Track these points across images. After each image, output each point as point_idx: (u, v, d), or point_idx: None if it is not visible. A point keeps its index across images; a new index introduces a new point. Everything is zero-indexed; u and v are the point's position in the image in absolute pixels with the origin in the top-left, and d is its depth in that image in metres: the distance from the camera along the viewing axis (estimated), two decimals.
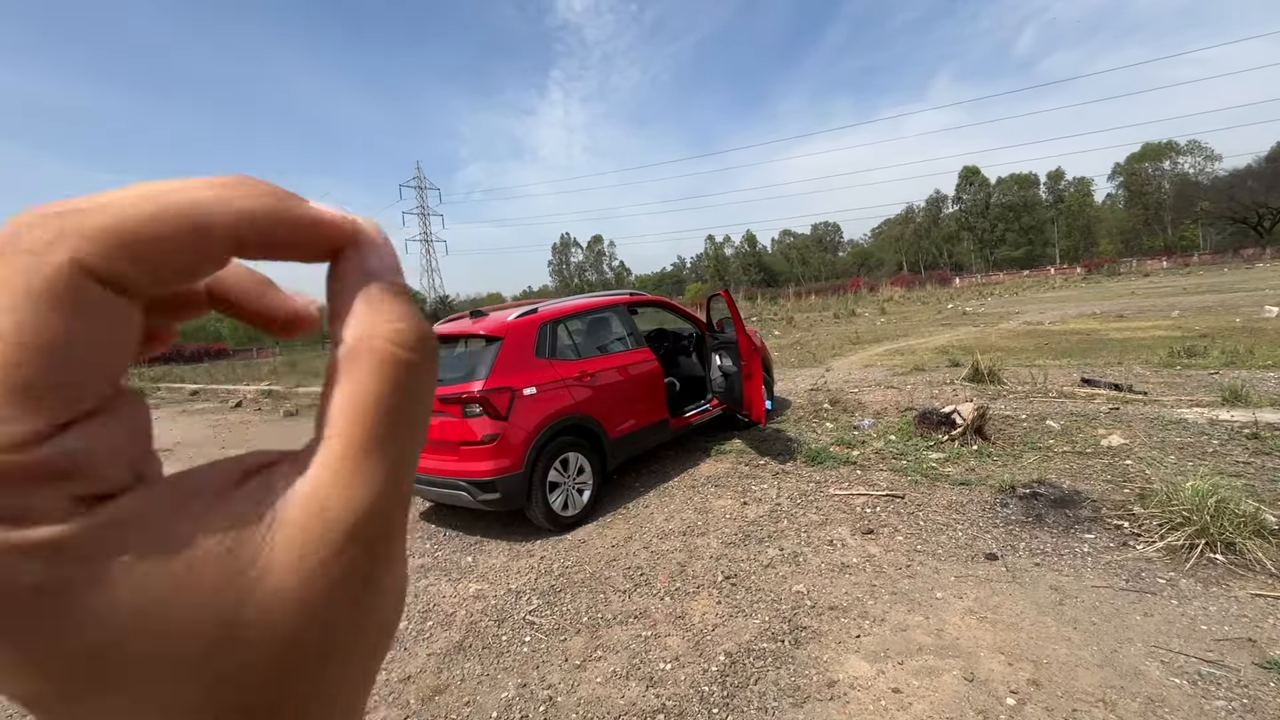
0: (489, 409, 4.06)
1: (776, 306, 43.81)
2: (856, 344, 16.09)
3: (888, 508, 4.30)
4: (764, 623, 3.04)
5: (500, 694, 2.66)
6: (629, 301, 5.47)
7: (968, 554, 3.58)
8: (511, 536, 4.40)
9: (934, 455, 5.18)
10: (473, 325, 4.49)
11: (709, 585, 3.45)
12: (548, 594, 3.51)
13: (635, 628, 3.09)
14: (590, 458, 4.59)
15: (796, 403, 7.41)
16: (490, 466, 4.05)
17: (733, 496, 4.76)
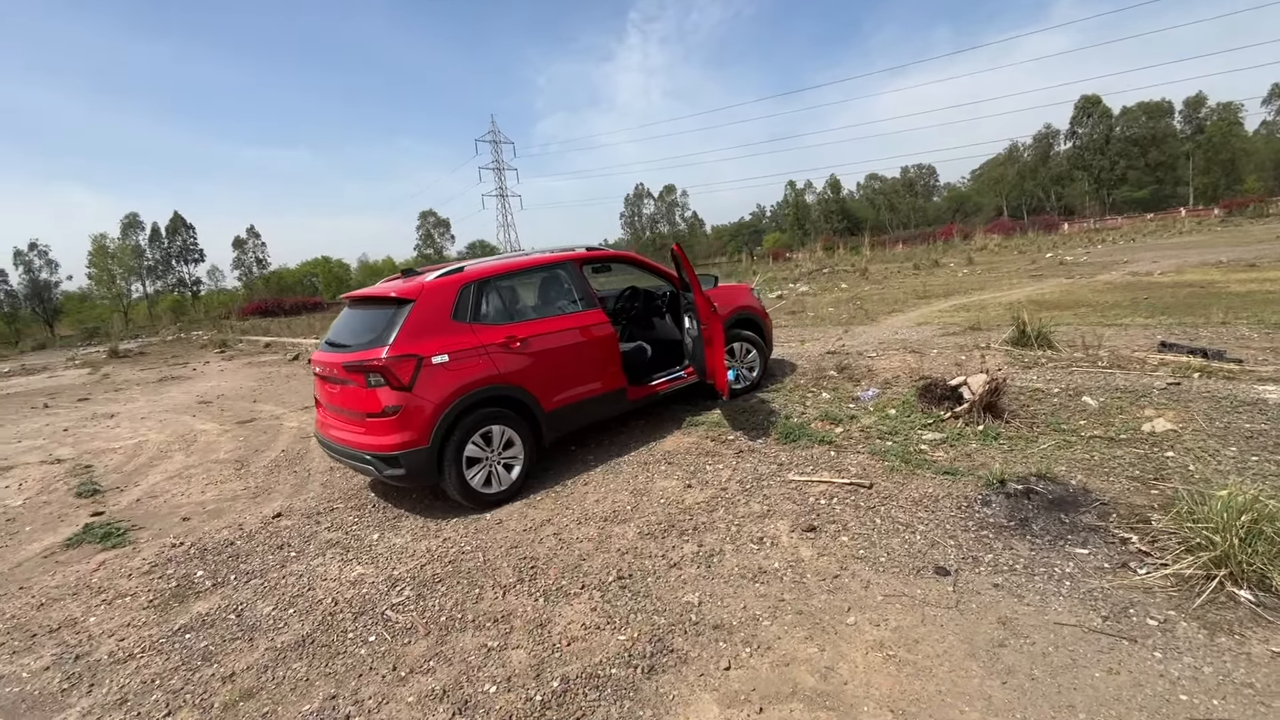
0: (391, 379, 3.73)
1: (857, 256, 41.23)
2: (923, 298, 14.72)
3: (847, 499, 3.66)
4: (630, 640, 2.58)
5: (304, 705, 2.38)
6: (582, 258, 4.92)
7: (915, 565, 2.94)
8: (432, 513, 4.13)
9: (929, 435, 4.41)
10: (389, 286, 4.14)
11: (596, 586, 3.02)
12: (425, 584, 3.21)
13: (488, 634, 2.72)
14: (520, 431, 4.20)
15: (803, 368, 6.66)
16: (393, 440, 3.75)
17: (680, 477, 4.26)
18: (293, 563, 3.63)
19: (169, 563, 3.83)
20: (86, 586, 3.63)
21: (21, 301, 61.25)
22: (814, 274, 28.35)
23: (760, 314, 6.04)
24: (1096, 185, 71.88)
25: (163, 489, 5.46)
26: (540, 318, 4.49)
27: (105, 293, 65.08)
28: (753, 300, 6.00)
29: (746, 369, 5.89)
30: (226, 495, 5.09)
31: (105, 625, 3.15)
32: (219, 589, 3.42)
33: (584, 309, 4.68)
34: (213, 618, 3.11)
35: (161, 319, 55.96)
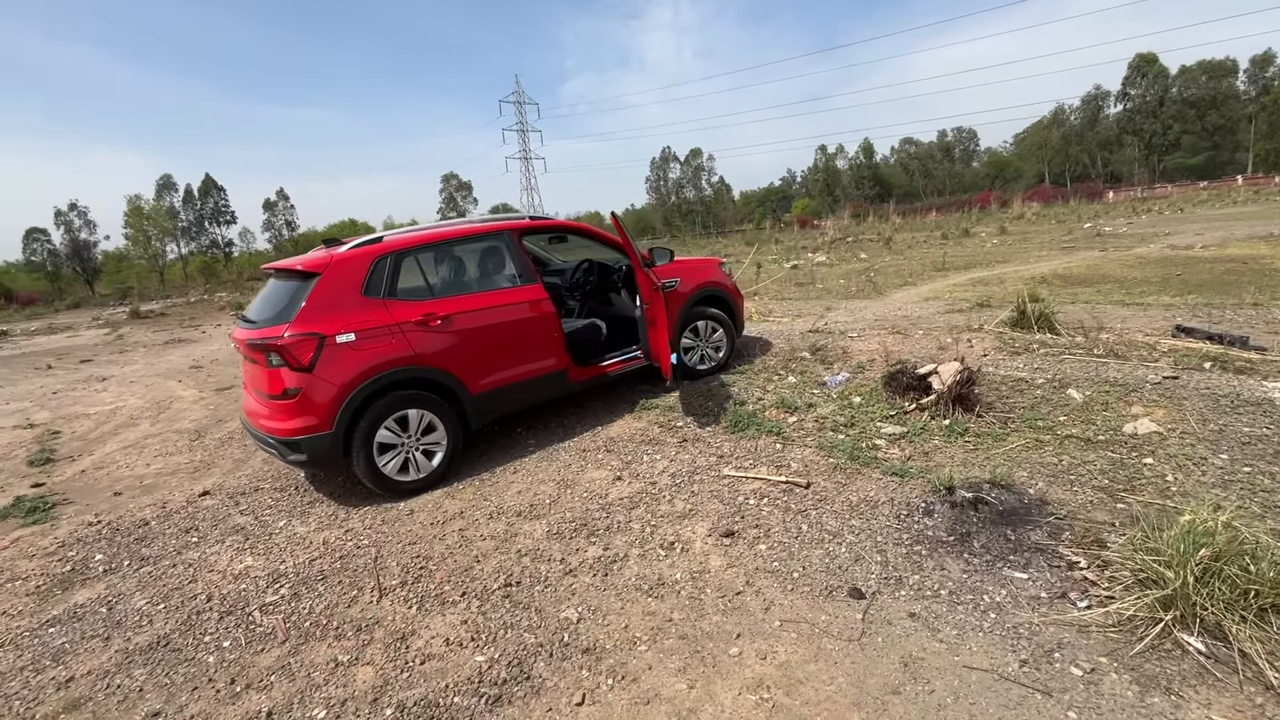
0: (290, 359, 3.48)
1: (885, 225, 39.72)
2: (941, 271, 14.03)
3: (779, 500, 3.34)
4: (489, 662, 2.34)
5: None
6: (523, 227, 4.56)
7: (830, 584, 2.62)
8: (348, 499, 3.92)
9: (888, 429, 4.03)
10: (297, 259, 3.87)
11: (478, 594, 2.78)
12: (306, 582, 3.00)
13: (345, 645, 2.50)
14: (442, 415, 3.94)
15: (779, 348, 6.26)
16: (294, 425, 3.52)
17: (613, 467, 3.97)
18: (191, 549, 3.47)
19: (76, 543, 3.71)
20: None
21: (63, 260, 63.21)
22: (836, 243, 27.42)
23: (730, 290, 5.63)
24: (1147, 151, 67.85)
25: (112, 459, 5.38)
26: (468, 293, 4.18)
27: (142, 253, 66.68)
28: (721, 276, 5.59)
29: (712, 349, 5.52)
30: (169, 469, 4.98)
31: None
32: (107, 576, 3.27)
33: (521, 284, 4.35)
34: (85, 610, 2.96)
35: (193, 280, 57.22)
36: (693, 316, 5.33)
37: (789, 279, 14.68)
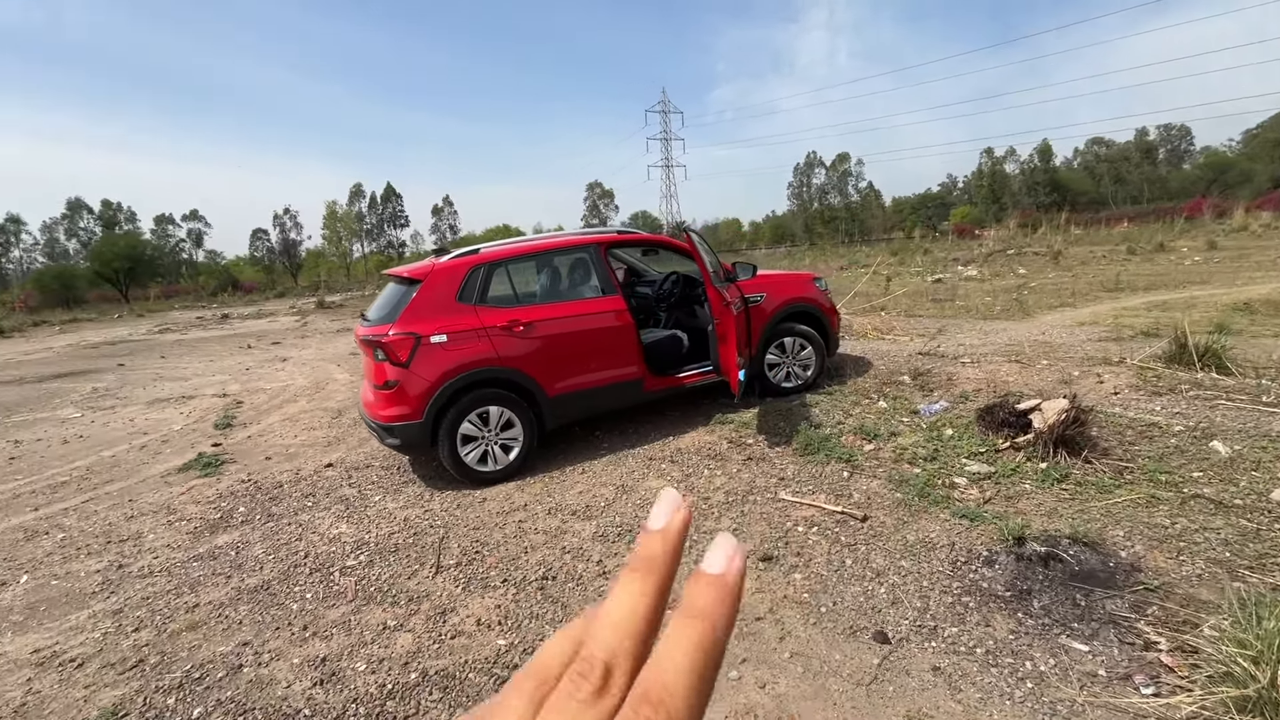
0: (391, 355, 3.97)
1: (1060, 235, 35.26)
2: (1113, 291, 12.32)
3: (830, 530, 3.22)
4: (508, 646, 2.54)
5: (222, 646, 2.68)
6: (610, 240, 4.77)
7: (856, 624, 2.51)
8: (435, 483, 4.36)
9: (973, 467, 3.70)
10: (406, 267, 4.38)
11: (517, 583, 3.00)
12: (382, 551, 3.42)
13: (396, 613, 2.83)
14: (520, 413, 4.25)
15: (879, 369, 5.92)
16: (392, 412, 4.01)
17: (671, 479, 4.04)
18: (305, 512, 4.07)
19: (230, 495, 4.50)
20: (167, 507, 4.39)
21: (276, 256, 75.14)
22: (993, 256, 24.93)
23: (822, 308, 5.44)
24: None
25: (272, 429, 6.40)
26: (551, 302, 4.47)
27: (333, 251, 77.39)
28: (813, 292, 5.42)
29: (799, 367, 5.38)
30: (309, 441, 5.83)
31: (154, 543, 3.80)
32: (243, 526, 3.95)
33: (601, 295, 4.57)
34: (221, 551, 3.60)
35: (371, 275, 65.40)
36: (779, 333, 5.23)
37: (927, 293, 13.65)
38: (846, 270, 22.24)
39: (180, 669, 2.54)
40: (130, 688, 2.46)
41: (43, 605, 3.16)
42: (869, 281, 15.67)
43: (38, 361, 13.68)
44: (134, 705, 2.35)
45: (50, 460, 5.77)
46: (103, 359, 13.32)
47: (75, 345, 16.79)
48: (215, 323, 21.37)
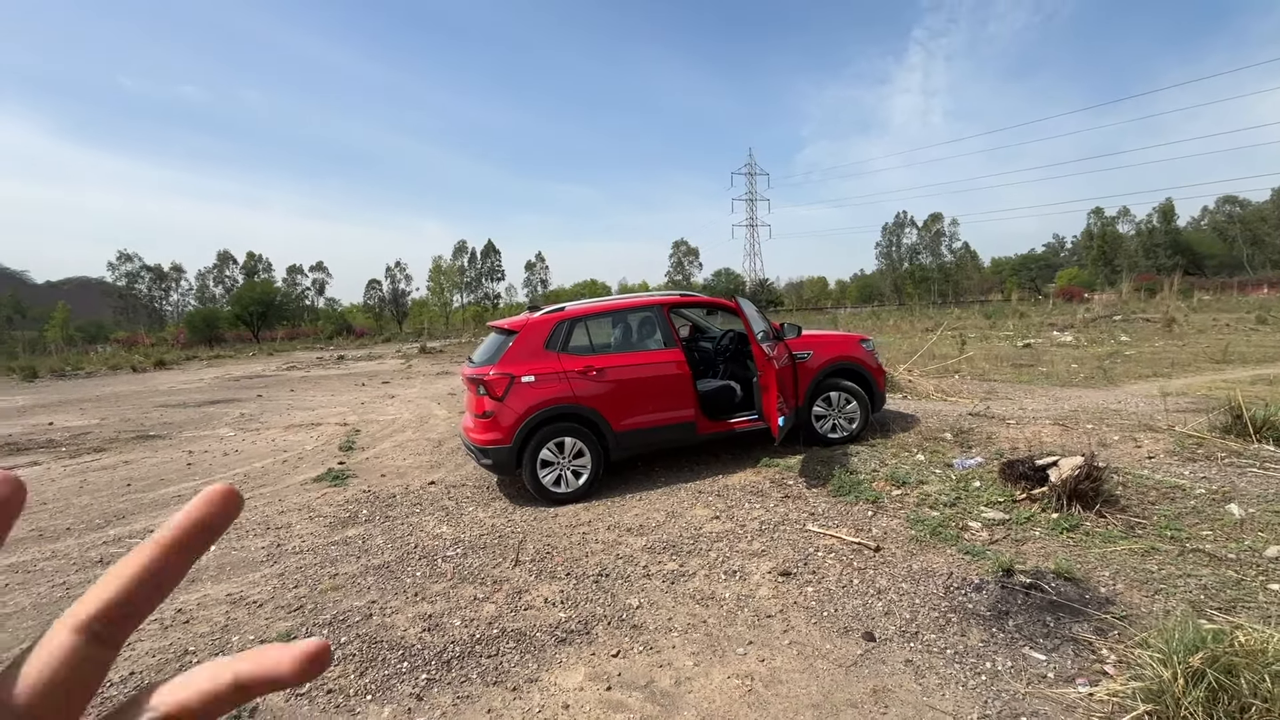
0: (489, 390, 4.90)
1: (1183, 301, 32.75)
2: (1219, 363, 11.78)
3: (845, 557, 3.73)
4: (566, 618, 3.24)
5: (355, 602, 3.55)
6: (670, 302, 5.58)
7: (849, 626, 3.03)
8: (517, 501, 5.19)
9: (989, 514, 4.08)
10: (506, 320, 5.36)
11: (577, 576, 3.71)
12: (474, 548, 4.24)
13: (483, 589, 3.61)
14: (590, 445, 5.04)
15: (925, 426, 6.28)
16: (487, 437, 4.91)
17: (716, 509, 4.65)
18: (414, 516, 5.00)
19: (354, 501, 5.52)
20: (307, 506, 5.47)
21: (385, 304, 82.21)
22: (1096, 321, 23.85)
23: (869, 368, 5.95)
24: None
25: (385, 453, 7.54)
26: (620, 352, 5.30)
27: (436, 301, 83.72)
28: (860, 352, 5.96)
29: (845, 420, 5.87)
30: (415, 464, 6.88)
31: (301, 531, 4.82)
32: (366, 523, 4.91)
33: (663, 348, 5.35)
34: (352, 540, 4.55)
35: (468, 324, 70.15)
36: (825, 387, 5.79)
37: (1010, 358, 13.47)
38: (931, 332, 21.96)
39: (329, 613, 3.42)
40: (295, 621, 3.35)
41: (228, 567, 4.19)
42: (946, 343, 15.60)
43: (194, 390, 16.09)
44: (299, 632, 3.23)
45: (216, 467, 7.13)
46: (244, 390, 15.50)
47: (221, 378, 19.47)
48: (333, 363, 23.96)
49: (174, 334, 58.87)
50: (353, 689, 2.74)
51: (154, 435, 9.39)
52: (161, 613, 3.54)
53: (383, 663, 2.93)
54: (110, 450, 8.36)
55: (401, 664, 2.90)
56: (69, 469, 7.36)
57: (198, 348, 42.89)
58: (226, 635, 3.26)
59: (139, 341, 47.65)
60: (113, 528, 5.11)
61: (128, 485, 6.46)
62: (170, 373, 22.90)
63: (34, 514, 5.58)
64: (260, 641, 3.06)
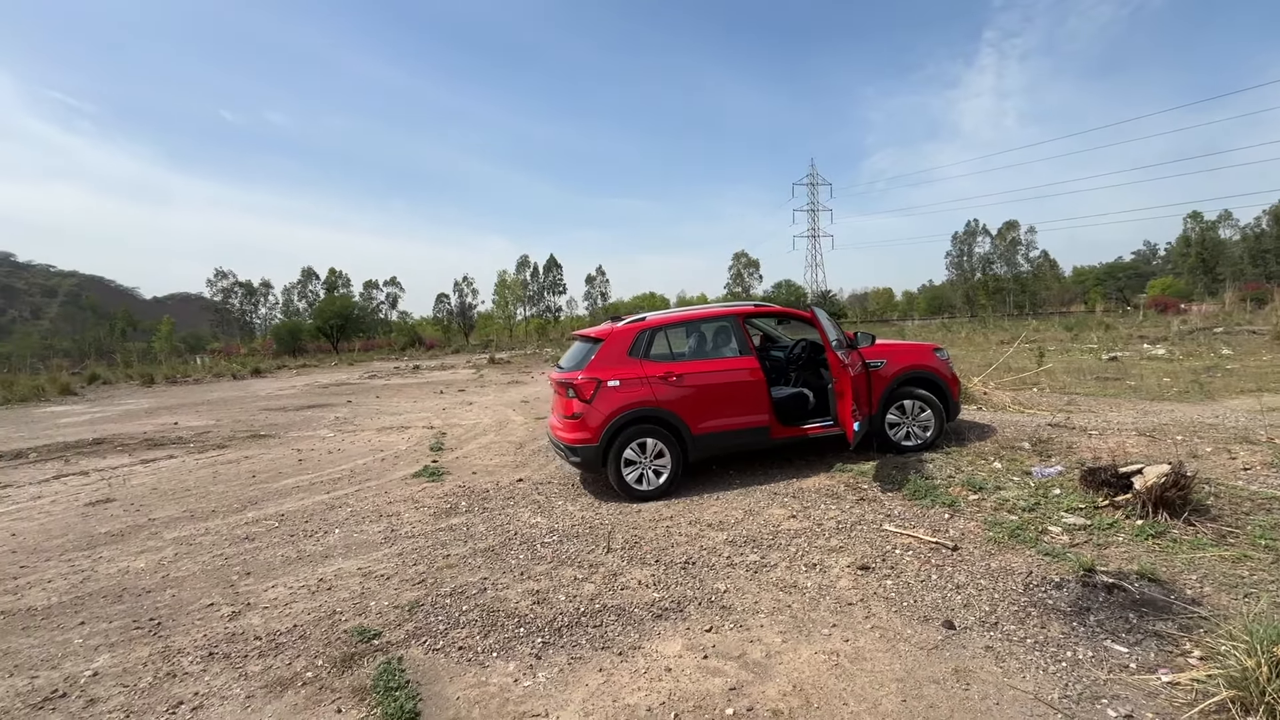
0: (579, 393, 5.30)
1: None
2: None
3: (922, 554, 3.89)
4: (660, 597, 3.55)
5: (469, 578, 3.97)
6: (746, 312, 5.85)
7: (929, 615, 3.21)
8: (604, 497, 5.55)
9: (1069, 519, 4.14)
10: (592, 329, 5.77)
11: (666, 563, 4.02)
12: (567, 536, 4.62)
13: (581, 571, 3.97)
14: (669, 446, 5.36)
15: (1002, 435, 6.27)
16: (576, 436, 5.30)
17: (792, 509, 4.87)
18: (509, 508, 5.44)
19: (452, 495, 6.04)
20: (411, 498, 6.02)
21: (453, 317, 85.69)
22: (1194, 333, 22.41)
23: (943, 376, 6.03)
24: None
25: (471, 454, 8.11)
26: (698, 359, 5.60)
27: (500, 314, 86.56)
28: (933, 360, 6.04)
29: (919, 428, 5.96)
30: (501, 464, 7.39)
31: (410, 519, 5.34)
32: (466, 513, 5.39)
33: (738, 355, 5.63)
34: (456, 527, 5.03)
35: (531, 336, 72.21)
36: (899, 395, 5.90)
37: (1094, 371, 12.94)
38: (1007, 344, 21.21)
39: (449, 586, 3.86)
40: (420, 592, 3.81)
41: (354, 546, 4.73)
42: (1022, 356, 15.10)
43: (289, 396, 17.44)
44: (426, 601, 3.68)
45: (324, 464, 7.86)
46: (334, 396, 16.69)
47: (310, 385, 20.97)
48: (410, 372, 25.32)
49: (262, 345, 63.29)
50: (479, 647, 3.14)
51: (264, 435, 10.36)
52: (307, 581, 4.08)
53: (501, 628, 3.32)
54: (231, 447, 9.32)
55: (518, 629, 3.29)
56: (200, 462, 8.29)
57: (284, 357, 46.00)
58: (364, 600, 3.75)
59: (233, 352, 51.55)
60: (249, 511, 5.80)
61: (252, 476, 7.25)
62: (265, 380, 24.80)
63: (182, 498, 6.38)
64: (394, 608, 3.53)
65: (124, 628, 3.57)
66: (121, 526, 5.51)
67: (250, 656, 3.17)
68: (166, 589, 4.11)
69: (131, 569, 4.49)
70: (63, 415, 14.37)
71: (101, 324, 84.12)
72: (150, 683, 2.98)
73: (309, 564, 4.40)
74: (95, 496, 6.60)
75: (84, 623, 3.67)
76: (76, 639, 3.46)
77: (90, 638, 3.47)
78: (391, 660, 3.03)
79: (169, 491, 6.71)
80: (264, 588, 4.04)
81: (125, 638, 3.45)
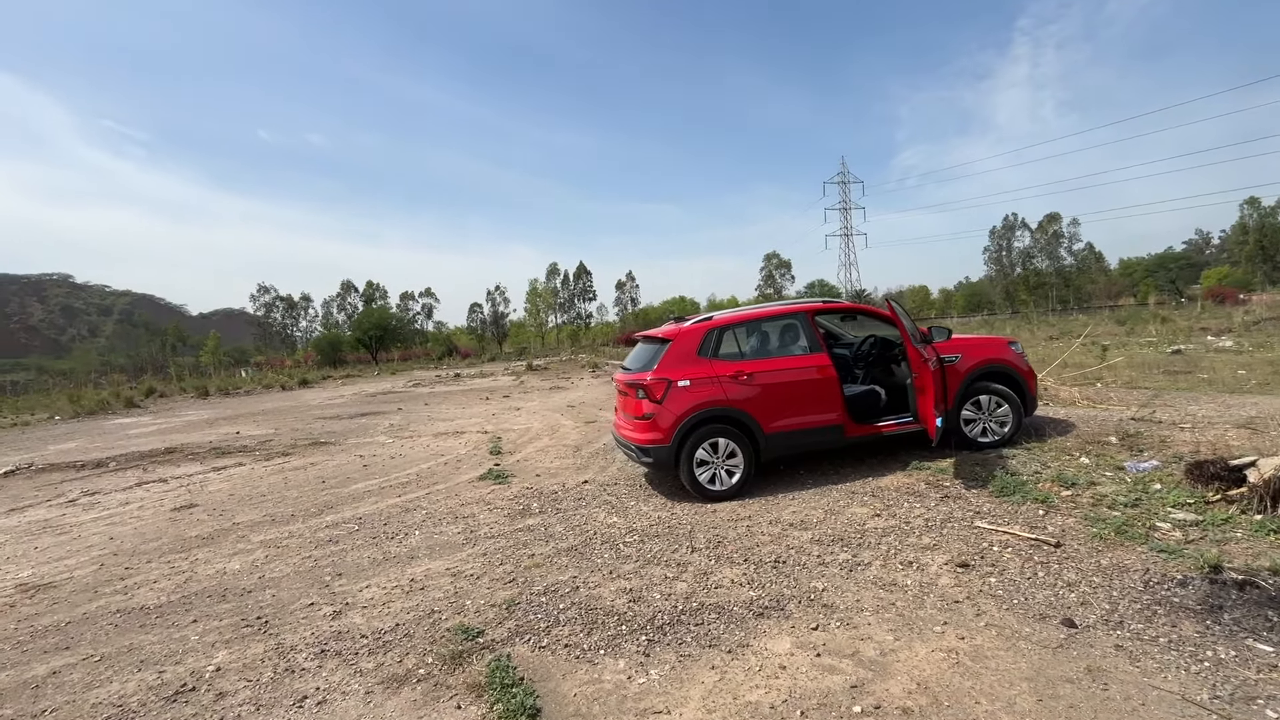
0: (649, 394, 5.30)
1: None
2: None
3: (1023, 551, 3.77)
4: (757, 596, 3.50)
5: (559, 576, 3.99)
6: (815, 309, 5.76)
7: (1045, 613, 3.10)
8: (675, 497, 5.53)
9: (1178, 515, 3.96)
10: (664, 329, 5.77)
11: (754, 562, 3.97)
12: (647, 535, 4.61)
13: (670, 570, 3.95)
14: (741, 446, 5.31)
15: (1082, 430, 6.05)
16: (647, 437, 5.30)
17: (874, 507, 4.77)
18: (582, 509, 5.46)
19: (521, 496, 6.09)
20: (483, 500, 6.09)
21: (487, 326, 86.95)
22: (1261, 324, 21.43)
23: (1020, 370, 5.85)
24: None
25: (531, 457, 8.18)
26: (767, 357, 5.55)
27: (532, 322, 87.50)
28: (1009, 354, 5.87)
29: (996, 424, 5.80)
30: (562, 466, 7.43)
31: (485, 520, 5.40)
32: (541, 514, 5.43)
33: (809, 353, 5.55)
34: (534, 528, 5.07)
35: (563, 343, 72.89)
36: (974, 391, 5.75)
37: (1160, 365, 12.42)
38: (1057, 340, 20.56)
39: (541, 585, 3.88)
40: (513, 591, 3.84)
41: (436, 548, 4.80)
42: (1083, 351, 14.60)
43: (340, 404, 17.89)
44: (521, 599, 3.71)
45: (389, 468, 8.02)
46: (383, 404, 17.05)
47: (358, 394, 21.47)
48: (451, 380, 25.73)
49: (304, 357, 65.17)
50: (585, 644, 3.14)
51: (325, 442, 10.63)
52: (399, 581, 4.16)
53: (602, 626, 3.32)
54: (295, 454, 9.58)
55: (620, 627, 3.28)
56: (269, 469, 8.54)
57: (326, 369, 47.28)
58: (459, 599, 3.79)
59: (276, 364, 53.14)
60: (327, 515, 5.95)
61: (322, 482, 7.43)
62: (313, 390, 25.50)
63: (260, 503, 6.58)
64: (490, 606, 3.56)
65: (234, 625, 3.68)
66: (209, 530, 5.70)
67: (361, 654, 3.23)
68: (265, 589, 4.22)
69: (228, 570, 4.63)
70: (131, 426, 14.99)
71: (154, 340, 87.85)
72: (271, 678, 3.06)
73: (397, 565, 4.48)
74: (179, 502, 6.86)
75: (196, 620, 3.79)
76: (193, 635, 3.58)
77: (205, 634, 3.59)
78: (500, 658, 3.05)
79: (246, 497, 6.92)
80: (358, 588, 4.12)
81: (238, 635, 3.56)
